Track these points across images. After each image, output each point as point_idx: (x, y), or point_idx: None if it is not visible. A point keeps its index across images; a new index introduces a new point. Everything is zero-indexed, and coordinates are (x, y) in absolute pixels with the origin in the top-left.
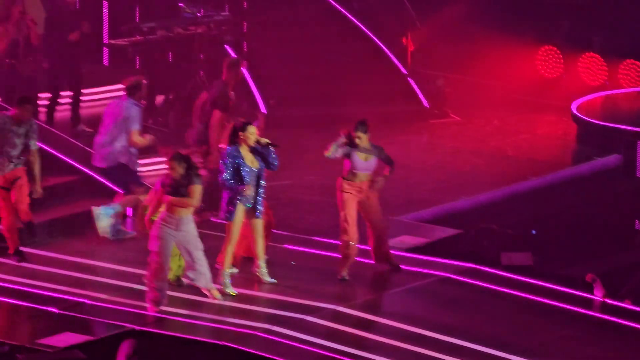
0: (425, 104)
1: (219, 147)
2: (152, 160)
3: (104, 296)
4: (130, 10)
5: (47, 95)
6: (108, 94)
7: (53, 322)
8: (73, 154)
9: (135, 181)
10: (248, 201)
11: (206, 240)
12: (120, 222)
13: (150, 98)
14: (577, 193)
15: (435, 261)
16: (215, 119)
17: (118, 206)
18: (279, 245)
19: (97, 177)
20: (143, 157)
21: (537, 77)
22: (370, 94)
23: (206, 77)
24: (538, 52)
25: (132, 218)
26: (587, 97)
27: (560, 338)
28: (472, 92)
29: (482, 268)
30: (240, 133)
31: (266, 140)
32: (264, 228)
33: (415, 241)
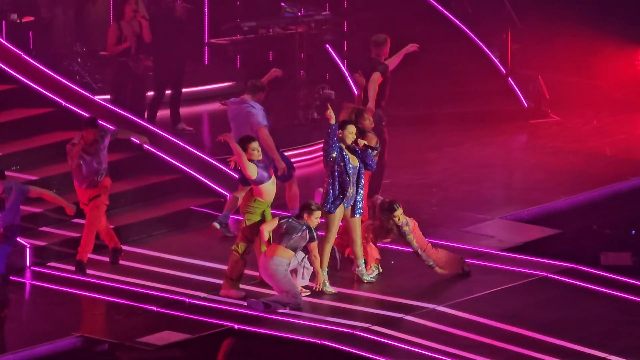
0: (524, 104)
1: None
2: None
3: (204, 294)
4: (231, 9)
5: (151, 93)
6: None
7: (152, 320)
8: (173, 153)
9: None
10: (348, 201)
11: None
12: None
13: None
14: None
15: (534, 261)
16: (373, 79)
17: (227, 213)
18: (378, 244)
19: (197, 176)
20: None
21: (637, 77)
22: (469, 94)
23: (306, 77)
24: (638, 52)
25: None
26: None
27: None
28: (572, 92)
29: (581, 268)
30: (339, 131)
31: (364, 141)
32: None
33: (514, 240)
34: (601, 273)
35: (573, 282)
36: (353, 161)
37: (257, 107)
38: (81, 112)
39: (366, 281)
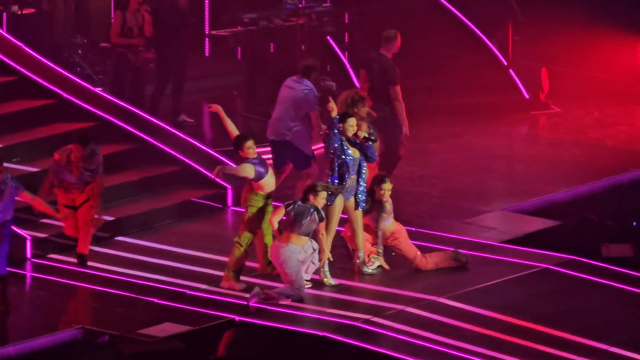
0: (525, 95)
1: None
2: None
3: (205, 286)
4: (232, 1)
5: (154, 86)
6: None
7: (153, 312)
8: (174, 144)
9: (301, 162)
10: (348, 193)
11: None
12: None
13: (251, 89)
14: None
15: (534, 252)
16: (397, 97)
17: None
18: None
19: (198, 167)
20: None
21: (637, 68)
22: (470, 85)
23: None
24: (638, 43)
25: None
26: None
27: None
28: (573, 83)
29: (582, 260)
30: (340, 124)
31: (364, 133)
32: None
33: (514, 232)
34: (602, 265)
35: (574, 274)
36: (354, 153)
37: (312, 90)
38: (82, 104)
39: (367, 273)
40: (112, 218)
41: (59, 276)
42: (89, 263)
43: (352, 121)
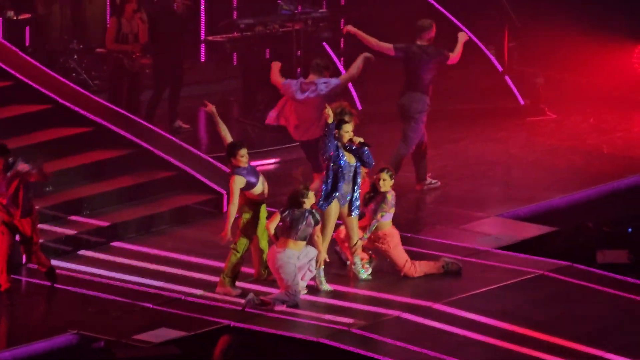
0: (521, 102)
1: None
2: None
3: (200, 292)
4: (228, 6)
5: (151, 92)
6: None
7: (149, 318)
8: (170, 150)
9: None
10: (343, 199)
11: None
12: None
13: (247, 95)
14: None
15: (530, 258)
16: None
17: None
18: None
19: (194, 173)
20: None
21: (634, 74)
22: (467, 91)
23: (303, 74)
24: (635, 49)
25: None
26: None
27: None
28: (569, 90)
29: (578, 266)
30: (335, 131)
31: (359, 139)
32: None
33: (510, 238)
34: (598, 271)
35: (570, 280)
36: (349, 159)
37: (329, 81)
38: (78, 110)
39: (362, 279)
40: (108, 223)
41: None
42: (85, 268)
43: (348, 127)
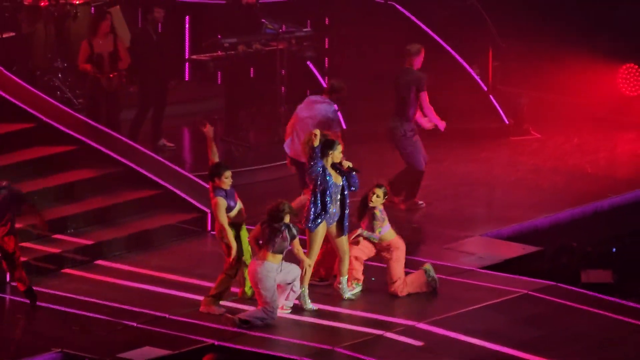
0: (506, 121)
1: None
2: None
3: (185, 310)
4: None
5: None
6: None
7: (133, 336)
8: (154, 169)
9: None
10: (332, 219)
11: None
12: None
13: (231, 114)
14: None
15: (514, 278)
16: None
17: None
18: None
19: (178, 192)
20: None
21: (618, 95)
22: (450, 111)
23: (287, 93)
24: (619, 70)
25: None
26: None
27: None
28: (553, 110)
29: (562, 285)
30: (329, 152)
31: (348, 163)
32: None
33: (494, 258)
34: (582, 291)
35: (554, 300)
36: (335, 179)
37: (336, 110)
38: (62, 128)
39: (347, 298)
40: (92, 242)
41: (39, 299)
42: (71, 285)
43: (340, 148)
